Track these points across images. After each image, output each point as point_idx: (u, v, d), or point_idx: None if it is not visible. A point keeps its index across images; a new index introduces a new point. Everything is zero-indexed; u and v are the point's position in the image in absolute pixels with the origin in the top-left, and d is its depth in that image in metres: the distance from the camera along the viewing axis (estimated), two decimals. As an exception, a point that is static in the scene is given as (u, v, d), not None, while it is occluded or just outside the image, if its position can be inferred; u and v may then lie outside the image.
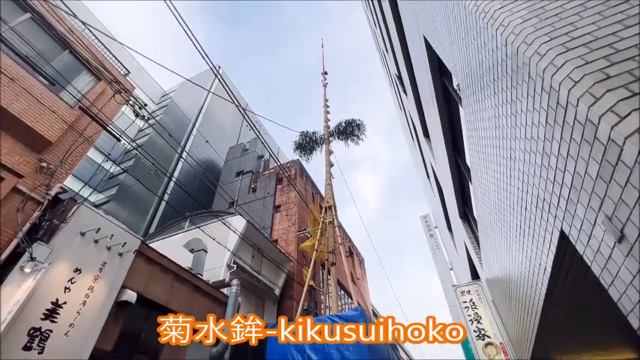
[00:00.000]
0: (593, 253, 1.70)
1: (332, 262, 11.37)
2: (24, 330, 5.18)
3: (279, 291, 15.36)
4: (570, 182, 1.70)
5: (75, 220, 6.44)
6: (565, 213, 1.88)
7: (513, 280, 4.14)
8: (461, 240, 9.79)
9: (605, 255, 1.60)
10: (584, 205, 1.64)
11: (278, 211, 21.16)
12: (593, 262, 1.74)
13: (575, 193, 1.69)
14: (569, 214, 1.83)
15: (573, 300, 3.15)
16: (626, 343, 4.53)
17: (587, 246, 1.76)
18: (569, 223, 1.88)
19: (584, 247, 1.79)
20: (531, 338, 4.52)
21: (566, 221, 1.91)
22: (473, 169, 4.41)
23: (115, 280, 6.94)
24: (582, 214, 1.68)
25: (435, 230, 25.49)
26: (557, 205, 1.96)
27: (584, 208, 1.65)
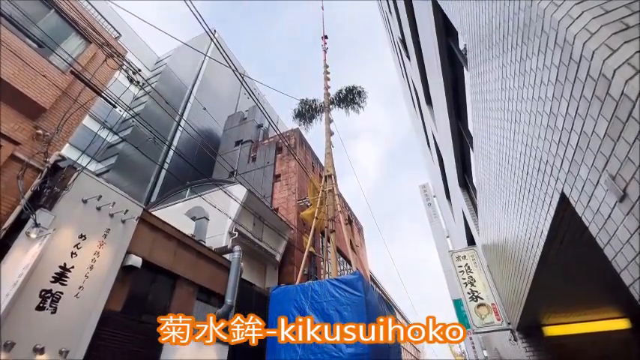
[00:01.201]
0: (593, 214, 1.71)
1: (331, 229, 11.60)
2: (35, 292, 5.39)
3: (280, 257, 15.84)
4: (576, 143, 1.67)
5: (76, 187, 6.47)
6: (567, 175, 1.87)
7: (509, 244, 4.23)
8: (459, 208, 9.92)
9: (604, 215, 1.61)
10: (587, 166, 1.62)
11: (278, 180, 21.25)
12: (592, 222, 1.75)
13: (579, 154, 1.67)
14: (572, 175, 1.81)
15: (566, 262, 3.24)
16: (612, 302, 4.75)
17: (586, 207, 1.77)
18: (570, 185, 1.88)
19: (583, 208, 1.80)
20: (522, 300, 4.71)
21: (567, 183, 1.90)
22: (475, 136, 4.35)
23: (120, 245, 7.11)
24: (585, 175, 1.67)
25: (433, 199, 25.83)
26: (559, 167, 1.95)
27: (587, 168, 1.63)
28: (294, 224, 17.44)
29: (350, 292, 7.67)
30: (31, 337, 5.10)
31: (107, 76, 8.46)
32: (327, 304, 7.69)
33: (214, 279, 10.08)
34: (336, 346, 7.00)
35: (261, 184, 20.92)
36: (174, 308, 8.39)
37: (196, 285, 9.35)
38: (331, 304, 7.66)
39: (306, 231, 16.27)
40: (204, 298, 9.60)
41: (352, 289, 7.72)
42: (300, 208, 18.22)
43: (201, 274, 9.61)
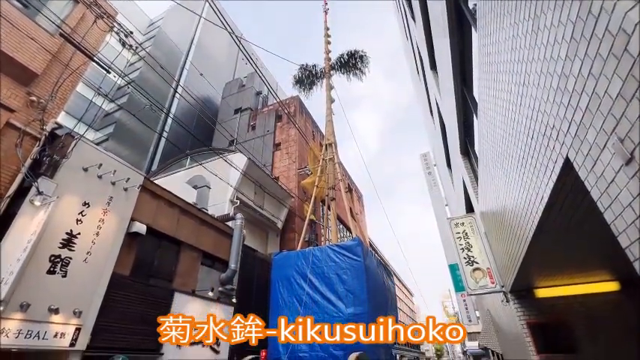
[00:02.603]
0: (596, 178, 1.70)
1: (332, 197, 11.72)
2: (45, 257, 5.56)
3: (281, 224, 16.18)
4: (586, 105, 1.62)
5: (76, 155, 6.44)
6: (574, 139, 1.83)
7: (508, 211, 4.28)
8: (459, 176, 9.94)
9: (607, 179, 1.60)
10: (595, 129, 1.59)
11: (278, 149, 21.13)
12: (594, 187, 1.75)
13: (588, 117, 1.63)
14: (578, 139, 1.78)
15: (563, 228, 3.29)
16: (603, 266, 4.90)
17: (590, 171, 1.75)
18: (575, 149, 1.85)
19: (587, 172, 1.78)
20: (517, 264, 4.85)
21: (572, 147, 1.87)
22: (480, 101, 4.24)
23: (124, 213, 7.22)
24: (592, 138, 1.63)
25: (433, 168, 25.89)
26: (566, 132, 1.91)
27: (595, 131, 1.59)
28: (295, 193, 17.60)
29: (350, 257, 7.91)
30: (45, 299, 5.35)
31: (98, 39, 8.10)
32: (328, 268, 7.96)
33: (218, 245, 10.36)
34: (335, 306, 7.35)
35: (262, 153, 20.83)
36: (180, 272, 8.71)
37: (200, 251, 9.63)
38: (331, 268, 7.93)
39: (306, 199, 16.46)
40: (208, 263, 9.93)
41: (352, 254, 7.95)
42: (300, 177, 18.30)
43: (204, 240, 9.87)
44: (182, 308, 8.19)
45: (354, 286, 7.51)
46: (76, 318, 5.71)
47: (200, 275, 9.46)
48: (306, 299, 7.70)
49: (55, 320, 5.39)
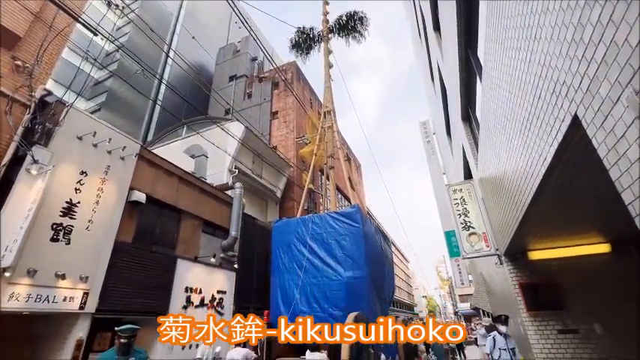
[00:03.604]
0: (605, 135, 1.66)
1: (330, 166, 11.69)
2: (47, 225, 5.60)
3: (280, 193, 16.29)
4: (602, 56, 1.54)
5: (69, 123, 6.29)
6: (585, 94, 1.77)
7: (507, 175, 4.28)
8: (459, 143, 9.87)
9: (617, 135, 1.56)
10: (610, 82, 1.52)
11: (275, 117, 20.74)
12: (602, 143, 1.71)
13: (603, 69, 1.55)
14: (590, 94, 1.72)
15: (562, 191, 3.31)
16: (597, 228, 5.01)
17: (599, 128, 1.71)
18: (585, 106, 1.79)
19: (595, 129, 1.74)
20: (513, 228, 4.95)
21: (582, 104, 1.82)
22: (486, 61, 4.08)
23: (122, 182, 7.20)
24: (605, 92, 1.58)
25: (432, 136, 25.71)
26: (577, 87, 1.84)
27: (609, 84, 1.53)
28: (294, 162, 17.54)
29: (348, 224, 8.05)
30: (51, 265, 5.47)
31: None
32: (327, 234, 8.12)
33: (218, 213, 10.48)
34: (335, 270, 7.60)
35: (259, 122, 20.48)
36: (182, 240, 8.88)
37: (201, 219, 9.75)
38: (331, 234, 8.09)
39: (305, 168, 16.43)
40: (209, 231, 10.10)
41: (351, 220, 8.08)
42: (298, 146, 18.14)
43: (204, 209, 9.96)
44: (185, 274, 8.45)
45: (353, 251, 7.71)
46: (83, 283, 5.88)
47: (202, 242, 9.65)
48: (306, 264, 7.93)
49: (62, 285, 5.55)
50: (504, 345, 5.27)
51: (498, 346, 5.27)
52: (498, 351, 5.24)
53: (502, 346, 5.26)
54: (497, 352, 5.25)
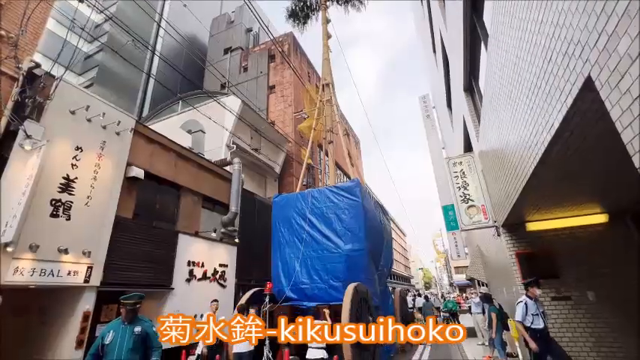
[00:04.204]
0: (619, 95, 1.59)
1: (329, 140, 11.56)
2: (46, 201, 5.58)
3: (279, 169, 16.24)
4: (623, 9, 1.44)
5: (60, 98, 6.11)
6: (601, 53, 1.68)
7: (510, 146, 4.22)
8: (460, 115, 9.72)
9: (633, 95, 1.49)
10: (630, 37, 1.44)
11: (273, 91, 20.27)
12: (615, 105, 1.65)
13: (624, 23, 1.46)
14: (606, 52, 1.63)
15: (565, 160, 3.27)
16: (597, 199, 5.03)
17: (614, 89, 1.64)
18: (600, 65, 1.71)
19: (610, 90, 1.67)
20: (512, 200, 4.96)
21: (597, 63, 1.73)
22: (493, 24, 3.91)
23: (119, 157, 7.11)
24: (624, 49, 1.49)
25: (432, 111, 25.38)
26: (592, 46, 1.74)
27: (630, 39, 1.44)
28: (292, 137, 17.35)
29: (348, 198, 8.06)
30: (53, 241, 5.50)
31: (63, -38, 7.12)
32: (327, 208, 8.15)
33: (217, 189, 10.47)
34: (335, 244, 7.70)
35: (256, 96, 20.03)
36: (182, 215, 8.92)
37: (200, 195, 9.76)
38: (330, 208, 8.12)
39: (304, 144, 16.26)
40: (209, 207, 10.14)
41: (350, 194, 8.08)
42: (297, 121, 17.87)
43: (203, 184, 9.94)
44: (187, 248, 8.56)
45: (352, 224, 7.77)
46: (86, 257, 5.95)
47: (202, 218, 9.72)
48: (307, 237, 8.02)
49: (65, 260, 5.61)
50: (536, 310, 4.76)
51: (530, 311, 4.76)
52: (531, 317, 4.73)
53: (534, 311, 4.76)
54: (529, 319, 4.73)
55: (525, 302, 4.82)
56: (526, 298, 4.86)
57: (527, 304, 4.80)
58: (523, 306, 4.80)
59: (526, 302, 4.82)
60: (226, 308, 8.81)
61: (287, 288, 7.80)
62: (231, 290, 9.81)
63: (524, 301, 4.83)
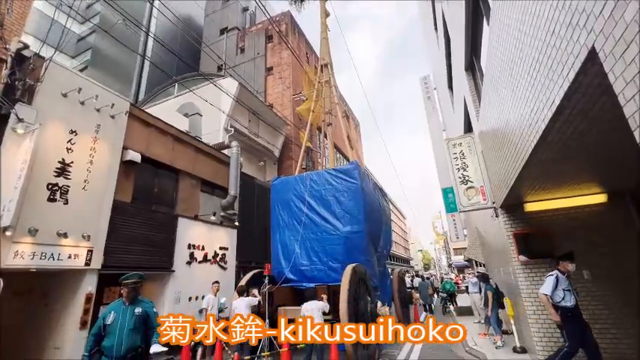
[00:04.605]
0: (624, 65, 1.53)
1: (328, 122, 11.41)
2: (42, 185, 5.55)
3: (278, 152, 16.15)
4: (632, -29, 1.35)
5: (51, 80, 5.97)
6: (606, 21, 1.60)
7: (510, 125, 4.15)
8: (460, 96, 9.55)
9: (639, 65, 1.42)
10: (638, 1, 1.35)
11: (270, 73, 19.88)
12: (619, 77, 1.58)
13: (632, -13, 1.37)
14: (612, 20, 1.55)
15: (565, 138, 3.21)
16: (598, 180, 5.00)
17: (618, 59, 1.57)
18: (605, 35, 1.63)
19: (614, 60, 1.60)
20: (511, 180, 4.93)
21: (603, 33, 1.65)
22: None
23: (115, 141, 7.03)
24: (631, 16, 1.41)
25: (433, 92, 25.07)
26: (597, 15, 1.66)
27: (637, 5, 1.36)
28: (291, 120, 17.15)
29: (347, 180, 8.04)
30: (51, 225, 5.51)
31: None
32: (325, 191, 8.14)
33: (216, 173, 10.44)
34: (333, 226, 7.74)
35: (253, 78, 19.66)
36: (181, 199, 8.93)
37: (199, 178, 9.73)
38: (329, 191, 8.11)
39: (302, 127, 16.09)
40: (208, 191, 10.14)
41: (349, 177, 8.05)
42: (295, 103, 17.61)
43: (202, 168, 9.89)
44: (187, 232, 8.62)
45: (351, 207, 7.78)
46: (86, 241, 5.98)
47: (201, 201, 9.73)
48: (305, 220, 8.05)
49: (65, 243, 5.65)
50: (568, 286, 4.40)
51: (562, 286, 4.38)
52: (562, 292, 4.36)
53: (566, 286, 4.38)
54: (559, 294, 4.37)
55: (557, 276, 4.48)
56: (557, 272, 4.52)
57: (558, 278, 4.47)
58: (553, 279, 4.46)
59: (557, 276, 4.48)
60: (227, 290, 8.96)
61: (287, 270, 7.90)
62: (232, 272, 9.95)
63: (556, 274, 4.51)
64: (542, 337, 5.47)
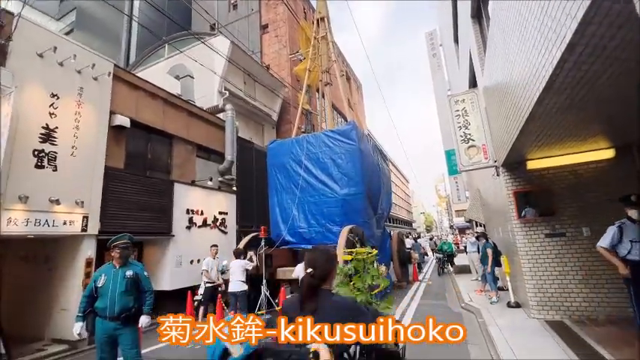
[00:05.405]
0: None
1: (326, 82, 10.88)
2: (28, 152, 5.41)
3: (276, 116, 15.70)
4: None
5: (25, 39, 5.59)
6: None
7: (516, 73, 3.83)
8: (466, 49, 8.97)
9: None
10: None
11: (266, 31, 18.77)
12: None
13: None
14: None
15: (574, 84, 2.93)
16: (605, 133, 4.72)
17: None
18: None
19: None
20: (514, 135, 4.67)
21: None
22: None
23: (101, 105, 6.76)
24: None
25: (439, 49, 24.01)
26: None
27: None
28: (288, 81, 16.47)
29: (344, 142, 7.80)
30: (42, 191, 5.44)
31: None
32: (322, 153, 7.94)
33: (211, 138, 10.20)
34: (331, 188, 7.63)
35: (248, 37, 18.63)
36: (176, 165, 8.79)
37: (194, 144, 9.52)
38: (326, 153, 7.91)
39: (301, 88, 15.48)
40: (204, 156, 9.97)
41: (346, 138, 7.80)
42: (293, 63, 16.81)
43: (196, 133, 9.64)
44: (184, 197, 8.59)
45: (349, 169, 7.62)
46: (80, 207, 5.95)
47: (197, 167, 9.60)
48: (302, 183, 7.94)
49: (59, 210, 5.62)
50: (636, 236, 3.52)
51: (628, 237, 3.55)
52: (629, 244, 3.52)
53: (634, 237, 3.53)
54: (625, 246, 3.55)
55: (621, 225, 3.66)
56: (624, 221, 3.68)
57: (622, 227, 3.63)
58: (616, 229, 3.65)
59: (622, 225, 3.65)
60: (229, 253, 9.11)
61: (285, 232, 7.95)
62: (232, 236, 10.07)
63: (619, 224, 3.68)
64: (536, 293, 5.53)
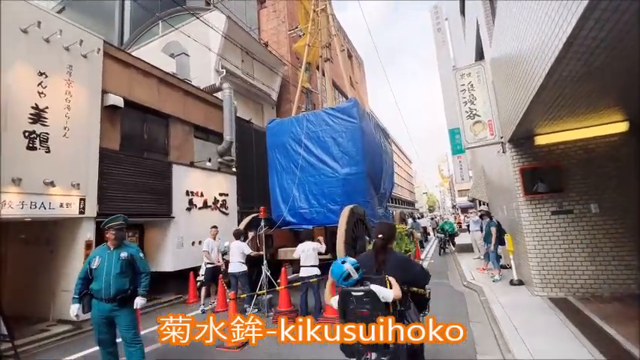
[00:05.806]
0: None
1: (326, 58, 10.48)
2: (19, 134, 5.26)
3: (276, 95, 15.32)
4: None
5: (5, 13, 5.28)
6: None
7: (527, 42, 3.56)
8: (473, 21, 8.52)
9: None
10: None
11: (264, 6, 18.02)
12: None
13: None
14: None
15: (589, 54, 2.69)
16: (620, 105, 4.46)
17: None
18: None
19: None
20: (523, 108, 4.44)
21: None
22: None
23: (92, 84, 6.53)
24: None
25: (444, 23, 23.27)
26: None
27: None
28: (288, 59, 15.95)
29: (345, 120, 7.56)
30: (36, 174, 5.33)
31: None
32: (323, 132, 7.72)
33: (209, 118, 9.97)
34: (332, 168, 7.48)
35: (245, 13, 17.91)
36: (173, 146, 8.63)
37: (191, 124, 9.31)
38: (326, 132, 7.69)
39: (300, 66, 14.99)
40: (202, 136, 9.77)
41: (347, 116, 7.56)
42: (292, 40, 16.22)
43: (193, 113, 9.40)
44: (183, 178, 8.48)
45: (349, 147, 7.42)
46: (76, 189, 5.86)
47: (196, 148, 9.43)
48: (303, 163, 7.78)
49: (54, 192, 5.53)
50: None
51: None
52: None
53: None
54: None
55: None
56: None
57: None
58: None
59: None
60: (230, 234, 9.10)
61: (286, 212, 7.87)
62: (234, 217, 10.04)
63: None
64: (540, 271, 5.45)
